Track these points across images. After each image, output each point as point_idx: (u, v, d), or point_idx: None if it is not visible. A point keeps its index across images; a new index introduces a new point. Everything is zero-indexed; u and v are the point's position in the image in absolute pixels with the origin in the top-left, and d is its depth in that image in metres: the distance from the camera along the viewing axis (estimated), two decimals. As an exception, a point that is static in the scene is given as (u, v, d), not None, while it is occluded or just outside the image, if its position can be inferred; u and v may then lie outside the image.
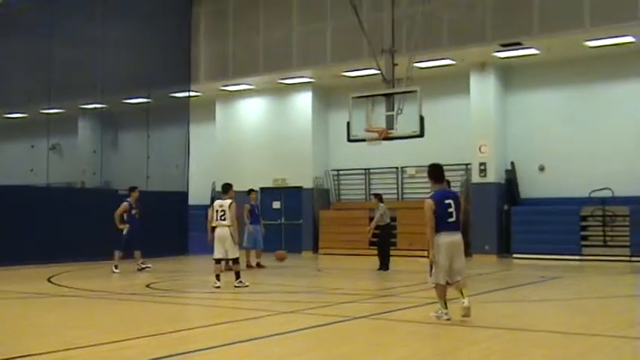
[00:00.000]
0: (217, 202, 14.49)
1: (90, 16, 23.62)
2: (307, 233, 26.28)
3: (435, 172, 10.09)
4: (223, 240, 14.18)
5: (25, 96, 23.85)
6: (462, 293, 9.55)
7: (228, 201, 14.36)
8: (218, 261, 14.46)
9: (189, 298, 13.85)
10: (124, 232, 17.96)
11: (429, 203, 9.65)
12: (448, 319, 9.43)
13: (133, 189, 18.53)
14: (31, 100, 23.76)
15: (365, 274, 17.92)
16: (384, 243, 18.41)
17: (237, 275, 14.32)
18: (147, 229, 18.32)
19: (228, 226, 14.16)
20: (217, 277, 14.30)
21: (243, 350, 7.88)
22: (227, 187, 14.80)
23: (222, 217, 14.22)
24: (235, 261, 14.37)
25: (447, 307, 9.60)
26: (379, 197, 18.59)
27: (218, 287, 14.01)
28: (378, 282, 16.23)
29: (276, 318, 10.31)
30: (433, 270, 9.78)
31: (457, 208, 9.77)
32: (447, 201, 9.71)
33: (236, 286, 14.05)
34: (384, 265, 18.05)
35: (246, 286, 14.06)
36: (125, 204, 18.11)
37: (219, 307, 12.16)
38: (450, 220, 9.67)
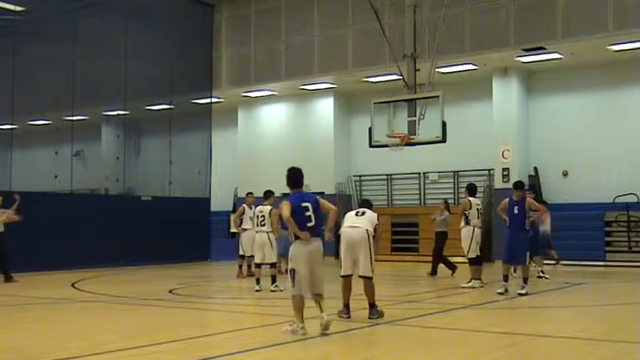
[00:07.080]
0: (258, 208, 14.76)
1: (113, 24, 23.78)
2: (329, 239, 26.19)
3: (296, 176, 9.52)
4: (263, 245, 14.35)
5: (49, 103, 24.02)
6: (320, 307, 9.11)
7: (268, 207, 14.53)
8: (258, 265, 14.62)
9: (211, 303, 13.88)
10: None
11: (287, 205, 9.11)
12: (304, 334, 8.80)
13: None
14: (55, 107, 23.92)
15: (387, 280, 17.86)
16: (437, 248, 18.34)
17: (273, 279, 14.51)
18: (169, 235, 18.20)
19: (268, 232, 14.34)
20: (257, 281, 14.57)
21: (266, 356, 7.88)
22: (268, 194, 15.01)
23: (262, 223, 14.42)
24: (273, 265, 14.56)
25: (303, 321, 8.94)
26: (447, 205, 18.55)
27: (258, 291, 14.27)
28: (400, 288, 16.18)
29: (298, 324, 10.28)
30: (295, 279, 9.17)
31: (316, 212, 9.31)
32: (304, 204, 9.32)
33: (272, 290, 14.22)
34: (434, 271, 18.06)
35: (281, 290, 14.15)
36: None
37: (241, 313, 12.17)
38: (309, 224, 9.36)
